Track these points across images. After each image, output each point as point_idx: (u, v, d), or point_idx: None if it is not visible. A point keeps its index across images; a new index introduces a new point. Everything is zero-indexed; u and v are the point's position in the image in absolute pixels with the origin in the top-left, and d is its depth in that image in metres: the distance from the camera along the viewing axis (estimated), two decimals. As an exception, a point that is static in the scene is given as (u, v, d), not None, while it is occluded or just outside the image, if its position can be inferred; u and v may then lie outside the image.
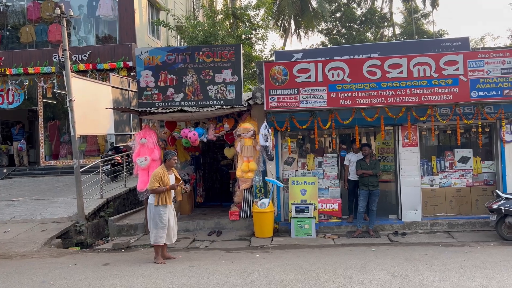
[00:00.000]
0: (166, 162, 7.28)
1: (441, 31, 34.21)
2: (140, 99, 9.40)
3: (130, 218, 10.43)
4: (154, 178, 7.04)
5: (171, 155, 7.29)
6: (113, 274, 6.54)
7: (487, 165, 9.40)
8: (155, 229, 7.11)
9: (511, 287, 5.34)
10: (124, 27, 17.10)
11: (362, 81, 8.61)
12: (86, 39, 17.88)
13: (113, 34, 17.65)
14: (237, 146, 9.12)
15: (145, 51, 9.51)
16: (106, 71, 16.02)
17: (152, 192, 7.11)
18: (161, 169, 7.21)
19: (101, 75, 16.12)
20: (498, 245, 7.73)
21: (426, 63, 8.48)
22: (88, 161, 15.19)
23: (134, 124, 15.57)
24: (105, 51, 16.47)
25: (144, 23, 18.30)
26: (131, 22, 17.00)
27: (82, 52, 16.37)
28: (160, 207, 7.07)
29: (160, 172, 7.11)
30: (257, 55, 18.42)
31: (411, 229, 9.08)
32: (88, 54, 16.31)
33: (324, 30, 34.69)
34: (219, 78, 9.21)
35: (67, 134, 16.44)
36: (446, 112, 8.95)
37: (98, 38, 17.84)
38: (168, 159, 7.26)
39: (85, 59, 16.24)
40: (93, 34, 17.89)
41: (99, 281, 6.18)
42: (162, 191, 7.04)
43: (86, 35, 17.98)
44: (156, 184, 7.00)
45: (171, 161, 7.29)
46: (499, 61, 8.40)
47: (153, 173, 7.15)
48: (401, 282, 5.67)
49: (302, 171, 9.75)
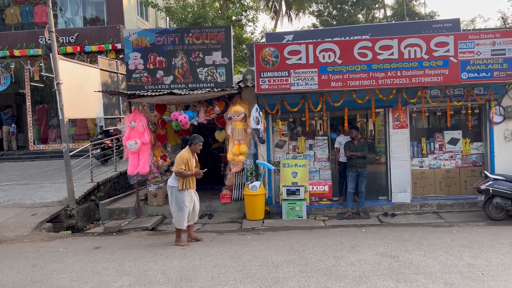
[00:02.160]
0: (191, 146, 7.08)
1: (432, 13, 34.08)
2: (129, 81, 9.29)
3: (121, 202, 10.41)
4: (181, 160, 6.86)
5: (198, 140, 7.09)
6: (105, 257, 6.55)
7: (476, 147, 9.49)
8: (179, 212, 6.98)
9: (497, 265, 5.44)
10: (112, 9, 16.79)
11: (353, 63, 8.57)
12: (73, 21, 17.54)
13: (101, 16, 17.33)
14: (228, 129, 9.08)
15: (133, 32, 9.35)
16: (94, 54, 15.77)
17: (177, 175, 6.92)
18: (187, 152, 7.03)
19: (89, 58, 15.87)
20: (485, 225, 7.86)
21: (417, 44, 8.46)
22: (78, 145, 15.03)
23: (124, 107, 15.40)
24: (93, 33, 16.18)
25: (133, 4, 17.98)
26: (119, 3, 16.69)
27: (69, 34, 16.06)
28: (184, 190, 6.95)
29: (187, 155, 6.96)
30: (247, 37, 18.24)
31: (400, 210, 9.19)
32: (76, 36, 16.01)
33: (315, 11, 34.41)
34: (209, 60, 9.11)
35: (55, 118, 16.22)
36: (436, 94, 8.97)
37: (85, 20, 17.51)
38: (195, 143, 7.06)
39: (73, 41, 15.96)
40: (80, 16, 17.56)
41: (91, 264, 6.18)
42: (187, 175, 6.89)
43: (73, 17, 17.64)
44: (182, 166, 6.85)
45: (197, 146, 7.10)
46: (489, 42, 8.40)
47: (180, 155, 6.95)
48: (391, 262, 5.75)
49: (293, 153, 9.76)
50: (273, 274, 5.40)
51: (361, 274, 5.29)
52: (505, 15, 31.50)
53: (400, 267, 5.50)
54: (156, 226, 8.96)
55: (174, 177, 7.04)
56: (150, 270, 5.79)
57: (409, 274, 5.22)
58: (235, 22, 17.65)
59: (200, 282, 5.24)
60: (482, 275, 5.12)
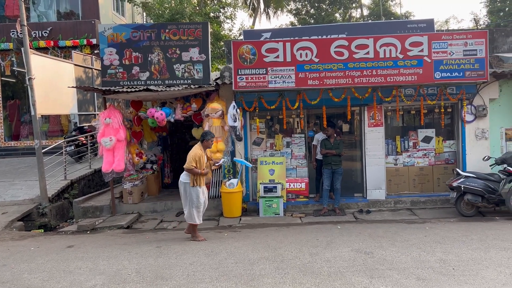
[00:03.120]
0: (203, 143, 7.08)
1: (407, 13, 34.72)
2: (104, 77, 9.12)
3: (95, 200, 10.23)
4: (192, 158, 6.85)
5: (210, 136, 7.11)
6: (78, 256, 6.42)
7: (448, 145, 9.71)
8: (193, 209, 7.00)
9: (467, 260, 5.59)
10: (87, 3, 16.47)
11: (330, 62, 8.65)
12: (47, 14, 17.12)
13: (76, 10, 16.97)
14: (205, 126, 9.01)
15: (108, 27, 9.18)
16: (68, 49, 15.46)
17: (188, 172, 6.93)
18: (199, 149, 7.02)
19: (63, 53, 15.52)
20: (457, 221, 8.06)
21: (392, 44, 8.59)
22: (51, 142, 14.68)
23: (99, 103, 15.16)
24: (67, 28, 15.84)
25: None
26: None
27: (42, 29, 15.68)
28: (197, 187, 6.95)
29: (199, 152, 6.95)
30: (225, 34, 18.19)
31: (375, 207, 9.33)
32: (49, 30, 15.65)
33: (293, 10, 34.52)
34: (186, 56, 9.03)
35: (27, 114, 15.82)
36: (410, 93, 9.13)
37: (59, 14, 17.11)
38: (207, 139, 7.06)
39: (46, 35, 15.60)
40: (54, 9, 17.15)
41: (63, 263, 6.06)
42: (197, 174, 6.89)
43: (47, 11, 17.21)
44: (193, 164, 6.83)
45: (209, 142, 7.11)
46: (462, 43, 8.60)
47: (192, 152, 6.92)
48: (365, 258, 5.83)
49: (270, 151, 9.79)
50: (249, 271, 5.40)
51: (336, 270, 5.35)
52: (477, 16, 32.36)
53: (375, 263, 5.58)
54: (132, 224, 8.85)
55: (185, 173, 7.04)
56: (125, 268, 5.71)
57: (383, 270, 5.30)
58: (213, 19, 17.55)
59: (175, 280, 5.19)
60: (453, 270, 5.25)
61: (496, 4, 29.08)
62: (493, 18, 28.46)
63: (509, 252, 5.87)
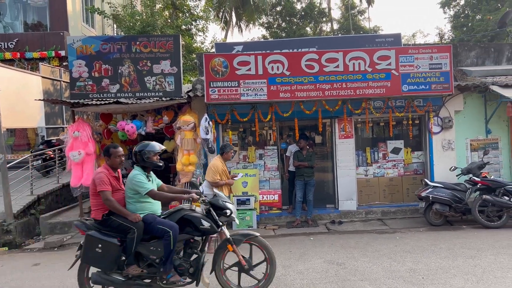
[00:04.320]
0: (223, 155, 7.28)
1: (376, 27, 35.66)
2: (73, 90, 8.96)
3: (63, 215, 9.93)
4: (215, 170, 7.00)
5: (229, 148, 7.33)
6: (45, 274, 6.21)
7: (416, 156, 9.95)
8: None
9: (436, 269, 5.71)
10: (55, 14, 16.18)
11: (301, 75, 8.76)
12: (13, 25, 16.71)
13: (44, 21, 16.65)
14: (177, 139, 8.95)
15: (77, 39, 9.05)
16: (35, 61, 15.12)
17: (213, 185, 6.99)
18: (220, 161, 7.19)
19: (30, 65, 15.18)
20: (426, 230, 8.23)
21: (361, 57, 8.79)
22: (17, 156, 14.18)
23: (67, 116, 14.81)
24: (35, 39, 15.50)
25: (78, 10, 17.41)
26: (63, 8, 16.11)
27: (8, 40, 15.30)
28: None
29: (220, 165, 7.12)
30: (197, 47, 18.20)
31: (347, 218, 9.43)
32: (15, 42, 15.29)
33: (265, 23, 34.92)
34: (157, 69, 8.98)
35: (-8, 127, 15.29)
36: (379, 105, 9.34)
37: (26, 25, 16.74)
38: (226, 152, 7.28)
39: (12, 47, 15.21)
40: (21, 20, 16.77)
41: (29, 282, 5.84)
42: (222, 185, 7.02)
43: (13, 22, 16.81)
44: (217, 177, 7.00)
45: (229, 154, 7.33)
46: (428, 57, 8.88)
47: (213, 166, 7.07)
48: (337, 269, 5.87)
49: (243, 163, 9.78)
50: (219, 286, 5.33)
51: (308, 282, 5.36)
52: (442, 31, 33.58)
53: (347, 274, 5.63)
54: (101, 240, 8.61)
55: (207, 185, 7.14)
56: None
57: (355, 281, 5.35)
58: (185, 31, 17.54)
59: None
60: (423, 279, 5.35)
61: (459, 20, 30.28)
62: (457, 33, 29.62)
63: (476, 260, 6.03)
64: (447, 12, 31.84)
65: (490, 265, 5.76)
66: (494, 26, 22.68)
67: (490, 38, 24.63)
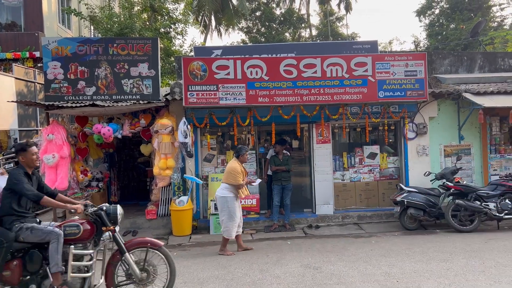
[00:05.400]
0: (239, 158, 7.39)
1: (353, 34, 36.27)
2: (48, 92, 8.77)
3: (36, 220, 9.67)
4: (236, 173, 7.14)
5: (245, 151, 7.45)
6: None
7: (392, 161, 10.12)
8: (229, 222, 7.17)
9: (410, 273, 5.80)
10: (30, 14, 15.83)
11: (279, 80, 8.81)
12: (-15, 25, 16.28)
13: (18, 22, 16.26)
14: (155, 143, 8.87)
15: (53, 40, 8.88)
16: (9, 61, 14.73)
17: (238, 188, 7.17)
18: (237, 163, 7.30)
19: (3, 65, 14.77)
20: (401, 234, 8.37)
21: (339, 64, 8.90)
22: (-12, 159, 13.82)
23: (41, 119, 14.47)
24: (8, 40, 15.12)
25: (54, 11, 17.10)
26: (38, 9, 15.79)
27: (-20, 39, 14.88)
28: (236, 201, 7.23)
29: (239, 166, 7.25)
30: (176, 50, 18.03)
31: (324, 222, 9.50)
32: (-13, 41, 14.86)
33: (245, 28, 35.07)
34: (134, 71, 8.89)
35: (-38, 129, 14.82)
36: (356, 111, 9.47)
37: (0, 25, 16.31)
38: (242, 154, 7.39)
39: (-16, 47, 14.79)
40: (-6, 20, 16.34)
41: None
42: (241, 188, 7.21)
43: (-15, 21, 16.37)
44: (240, 178, 7.13)
45: (245, 157, 7.46)
46: (403, 64, 9.05)
47: (233, 169, 7.19)
48: (314, 273, 5.90)
49: (222, 167, 9.73)
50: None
51: (285, 286, 5.37)
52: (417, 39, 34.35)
53: (323, 278, 5.67)
54: (75, 245, 8.43)
55: (225, 188, 7.26)
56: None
57: (331, 285, 5.39)
58: (164, 34, 17.38)
59: (121, 303, 4.99)
60: (397, 282, 5.43)
61: (434, 28, 31.05)
62: (432, 41, 30.36)
63: (448, 263, 6.16)
64: (422, 21, 32.66)
65: (462, 268, 5.90)
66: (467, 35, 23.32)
67: (463, 46, 25.33)
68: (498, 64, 11.23)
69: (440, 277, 5.57)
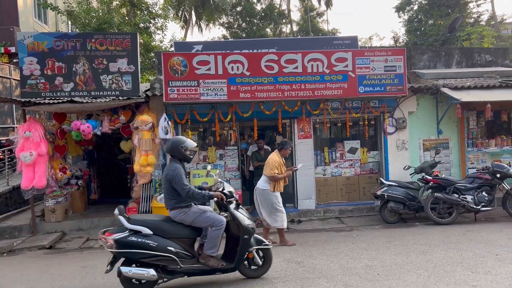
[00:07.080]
0: (281, 151, 7.40)
1: (334, 30, 36.44)
2: (24, 88, 8.59)
3: (14, 219, 9.49)
4: (273, 165, 7.14)
5: (288, 145, 7.48)
6: (-8, 282, 5.91)
7: (372, 155, 10.23)
8: (277, 213, 7.20)
9: (391, 265, 5.89)
10: (4, 9, 15.44)
11: (261, 75, 8.80)
12: (-42, 19, 15.79)
13: (-8, 16, 15.83)
14: (135, 139, 8.76)
15: (29, 35, 8.68)
16: (-17, 57, 14.34)
17: (272, 179, 7.17)
18: (277, 156, 7.31)
19: (-24, 61, 14.38)
20: (381, 228, 8.48)
21: (319, 59, 8.94)
22: (-38, 157, 13.46)
23: (18, 115, 14.17)
24: (-18, 34, 14.72)
25: (29, 5, 16.71)
26: (13, 3, 15.45)
27: (-48, 34, 14.44)
28: (276, 192, 7.22)
29: (278, 160, 7.25)
30: (156, 45, 17.85)
31: (306, 217, 9.56)
32: (-40, 36, 14.43)
33: (225, 23, 34.86)
34: (113, 67, 8.75)
35: None
36: (337, 106, 9.53)
37: (-27, 19, 15.86)
38: (285, 148, 7.41)
39: (-44, 42, 14.36)
40: (-33, 14, 15.87)
41: (-26, 291, 5.54)
42: (280, 179, 7.20)
43: (-42, 15, 15.88)
44: (276, 171, 7.12)
45: (287, 151, 7.47)
46: (383, 59, 9.15)
47: (272, 161, 7.20)
48: (296, 268, 5.93)
49: (203, 164, 9.70)
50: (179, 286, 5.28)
51: (268, 281, 5.39)
52: (397, 35, 34.77)
53: (305, 272, 5.70)
54: (55, 244, 8.31)
55: (265, 180, 7.28)
56: None
57: (313, 279, 5.43)
58: (143, 29, 17.15)
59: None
60: (378, 275, 5.50)
61: (413, 24, 31.46)
62: (411, 37, 30.77)
63: (427, 255, 6.27)
64: (401, 17, 33.05)
65: (441, 260, 6.01)
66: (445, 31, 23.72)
67: (441, 42, 25.76)
68: (475, 59, 11.46)
69: (419, 269, 5.67)
